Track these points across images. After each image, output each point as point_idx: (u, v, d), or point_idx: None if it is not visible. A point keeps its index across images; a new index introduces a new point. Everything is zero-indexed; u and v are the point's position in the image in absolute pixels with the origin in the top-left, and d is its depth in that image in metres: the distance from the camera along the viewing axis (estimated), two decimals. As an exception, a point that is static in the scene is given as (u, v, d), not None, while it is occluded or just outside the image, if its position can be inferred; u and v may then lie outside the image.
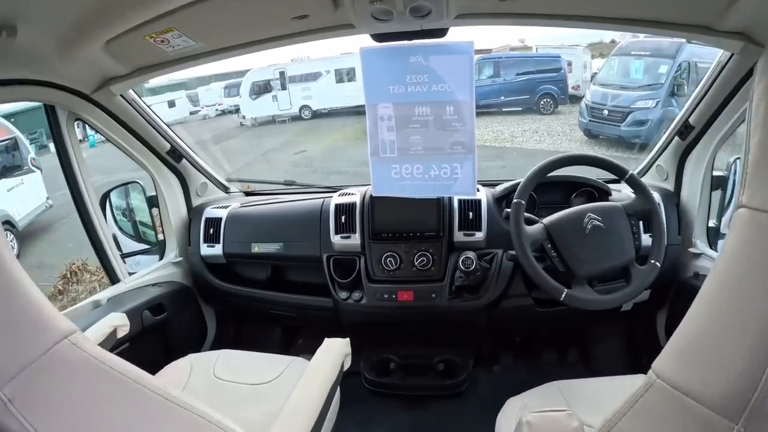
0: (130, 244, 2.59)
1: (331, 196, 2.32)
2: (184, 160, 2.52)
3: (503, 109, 12.36)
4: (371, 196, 2.17)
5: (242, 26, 1.64)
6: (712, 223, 2.17)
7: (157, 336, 2.33)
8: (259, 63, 15.18)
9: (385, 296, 2.15)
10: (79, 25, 1.47)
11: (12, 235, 7.73)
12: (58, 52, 1.59)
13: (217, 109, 16.16)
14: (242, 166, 10.78)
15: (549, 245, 1.81)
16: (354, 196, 2.26)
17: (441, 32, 1.70)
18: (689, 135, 2.11)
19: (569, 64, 12.89)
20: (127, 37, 1.54)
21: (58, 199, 8.47)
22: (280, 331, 2.93)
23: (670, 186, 2.29)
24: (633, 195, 1.89)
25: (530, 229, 1.82)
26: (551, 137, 11.03)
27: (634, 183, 1.86)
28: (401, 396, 2.50)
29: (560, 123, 11.71)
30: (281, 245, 2.37)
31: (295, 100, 14.32)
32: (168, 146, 2.39)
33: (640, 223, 2.03)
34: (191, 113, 15.75)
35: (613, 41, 13.36)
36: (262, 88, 14.56)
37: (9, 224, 7.82)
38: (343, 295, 2.22)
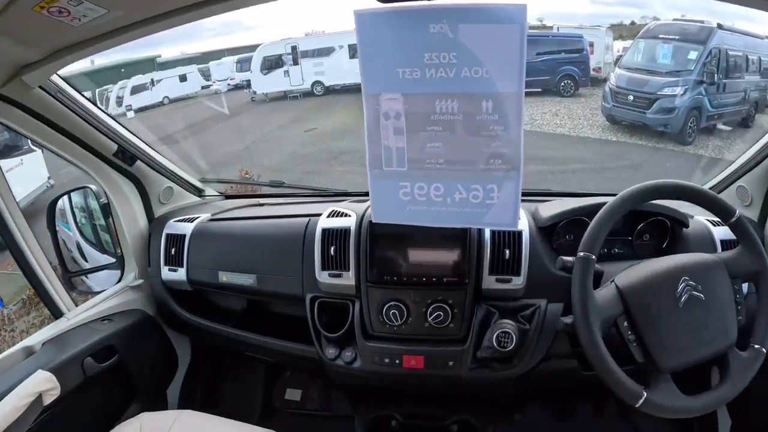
0: (96, 256, 2.21)
1: (320, 214, 1.80)
2: (139, 162, 2.03)
3: None
4: (371, 221, 1.60)
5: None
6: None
7: (110, 382, 1.89)
8: (271, 37, 15.36)
9: (386, 360, 1.64)
10: None
11: (10, 217, 7.54)
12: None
13: (228, 84, 15.88)
14: (249, 143, 10.54)
15: (625, 323, 1.30)
16: (348, 218, 1.72)
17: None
18: None
19: (591, 45, 12.59)
20: (13, 11, 1.11)
21: (63, 177, 8.11)
22: (264, 366, 2.51)
23: (753, 215, 1.83)
24: (736, 245, 1.41)
25: (601, 296, 1.30)
26: (572, 121, 10.72)
27: (743, 231, 1.38)
28: None
29: (581, 106, 11.37)
30: (255, 277, 1.87)
31: (307, 76, 14.07)
32: (114, 147, 1.90)
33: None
34: (203, 88, 15.58)
35: (633, 23, 13.15)
36: (273, 63, 14.34)
37: (7, 206, 7.61)
38: (331, 352, 1.71)
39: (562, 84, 11.89)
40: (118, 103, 12.56)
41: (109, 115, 1.86)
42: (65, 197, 2.11)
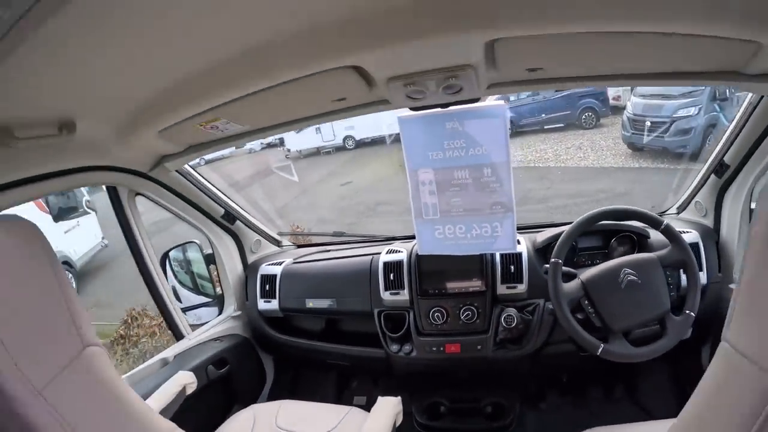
0: (189, 296, 2.71)
1: (380, 253, 2.40)
2: (237, 222, 2.65)
3: (545, 127, 12.16)
4: (417, 254, 2.25)
5: (286, 109, 1.73)
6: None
7: (220, 387, 2.44)
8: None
9: (434, 349, 2.23)
10: (134, 118, 1.60)
11: (70, 275, 7.86)
12: (116, 140, 1.72)
13: (262, 143, 15.76)
14: (290, 200, 10.84)
15: (586, 301, 1.88)
16: (401, 253, 2.34)
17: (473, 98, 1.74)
18: (725, 173, 2.12)
19: (608, 76, 12.47)
20: (179, 126, 1.66)
21: (113, 237, 8.68)
22: (335, 375, 3.02)
23: (709, 222, 2.29)
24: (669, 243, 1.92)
25: (568, 286, 1.89)
26: (595, 152, 10.71)
27: (670, 233, 1.89)
28: None
29: (603, 136, 11.36)
30: (334, 301, 2.46)
31: (338, 131, 14.25)
32: (222, 211, 2.52)
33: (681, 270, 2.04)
34: (237, 147, 15.38)
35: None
36: (305, 121, 14.24)
37: (67, 264, 8.05)
38: (394, 348, 2.30)
39: (584, 117, 11.79)
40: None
41: (217, 189, 2.47)
42: (174, 249, 2.66)
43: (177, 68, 1.33)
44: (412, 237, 2.34)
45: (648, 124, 9.46)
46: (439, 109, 1.82)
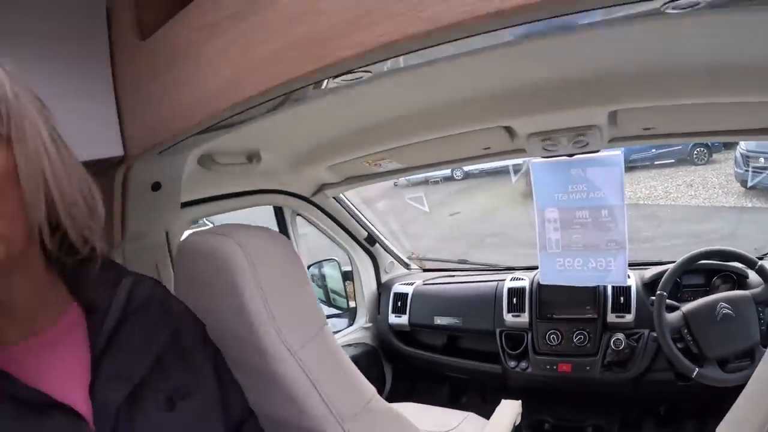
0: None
1: (503, 279, 2.65)
2: (377, 244, 3.01)
3: (655, 162, 11.29)
4: (539, 282, 2.49)
5: (440, 154, 2.08)
6: None
7: None
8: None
9: (548, 367, 2.45)
10: (309, 154, 2.01)
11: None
12: (289, 170, 2.14)
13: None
14: (399, 227, 10.43)
15: (686, 330, 2.09)
16: (523, 281, 2.58)
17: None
18: None
19: (723, 109, 11.89)
20: (348, 163, 2.05)
21: None
22: (447, 389, 3.20)
23: None
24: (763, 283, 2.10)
25: (670, 316, 2.12)
26: (706, 190, 9.96)
27: (763, 273, 2.08)
28: None
29: (715, 173, 10.39)
30: (460, 319, 2.72)
31: None
32: (365, 234, 2.89)
33: None
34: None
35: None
36: (415, 151, 14.11)
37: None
38: (512, 363, 2.54)
39: (695, 152, 10.60)
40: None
41: (363, 215, 2.85)
42: (313, 265, 3.01)
43: (361, 121, 1.71)
44: (532, 268, 2.63)
45: (762, 160, 8.57)
46: (565, 157, 2.11)
